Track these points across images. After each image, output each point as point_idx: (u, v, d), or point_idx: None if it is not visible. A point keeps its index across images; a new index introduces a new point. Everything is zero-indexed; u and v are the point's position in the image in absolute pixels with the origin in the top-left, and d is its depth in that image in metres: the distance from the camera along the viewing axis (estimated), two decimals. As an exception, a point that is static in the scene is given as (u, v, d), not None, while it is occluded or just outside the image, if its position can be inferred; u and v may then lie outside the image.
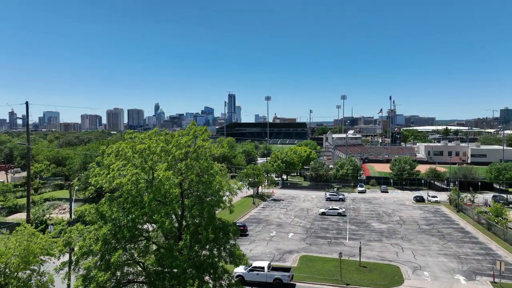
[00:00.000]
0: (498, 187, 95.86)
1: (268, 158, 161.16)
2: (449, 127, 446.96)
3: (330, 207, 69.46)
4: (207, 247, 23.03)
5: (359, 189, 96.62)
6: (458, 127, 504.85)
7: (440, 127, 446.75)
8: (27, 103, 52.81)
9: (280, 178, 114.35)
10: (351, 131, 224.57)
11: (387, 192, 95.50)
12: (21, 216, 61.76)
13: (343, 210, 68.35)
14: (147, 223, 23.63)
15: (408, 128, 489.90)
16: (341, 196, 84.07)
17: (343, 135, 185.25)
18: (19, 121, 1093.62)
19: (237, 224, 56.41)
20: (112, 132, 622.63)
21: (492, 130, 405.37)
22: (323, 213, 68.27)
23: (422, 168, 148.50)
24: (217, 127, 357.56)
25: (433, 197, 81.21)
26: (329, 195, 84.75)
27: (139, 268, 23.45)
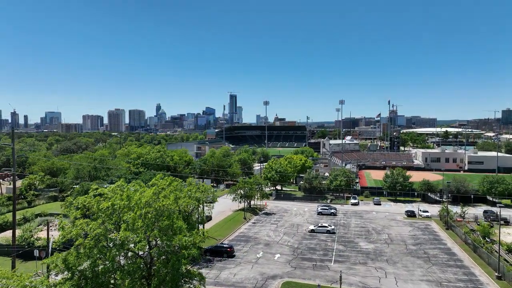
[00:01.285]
0: (491, 199, 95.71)
1: (263, 165, 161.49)
2: (449, 130, 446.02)
3: (319, 224, 69.59)
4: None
5: (352, 201, 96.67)
6: (458, 129, 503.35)
7: (440, 129, 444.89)
8: (13, 113, 52.91)
9: (274, 188, 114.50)
10: (348, 137, 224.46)
11: (380, 204, 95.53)
12: (10, 235, 62.07)
13: (332, 227, 68.46)
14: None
15: (407, 130, 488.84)
16: (332, 210, 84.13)
17: (341, 141, 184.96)
18: (21, 121, 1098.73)
19: (224, 245, 56.81)
20: (113, 134, 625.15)
21: (492, 134, 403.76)
22: (312, 231, 68.39)
23: (419, 176, 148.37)
24: (216, 131, 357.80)
25: (424, 211, 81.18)
26: (321, 209, 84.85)
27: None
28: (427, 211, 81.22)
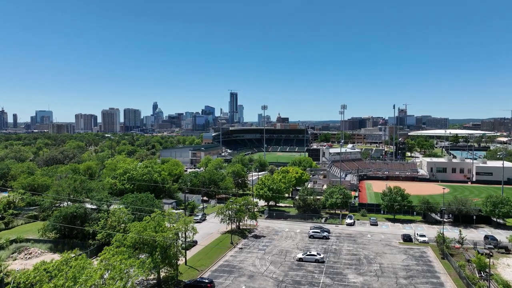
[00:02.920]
0: (495, 219, 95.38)
1: (260, 175, 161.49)
2: (460, 132, 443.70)
3: (308, 252, 69.59)
4: None
5: (348, 221, 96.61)
6: (471, 131, 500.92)
7: (450, 133, 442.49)
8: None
9: (266, 204, 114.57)
10: (349, 145, 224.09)
11: (377, 225, 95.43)
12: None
13: (321, 256, 68.45)
14: None
15: (416, 133, 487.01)
16: (325, 234, 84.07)
17: (341, 150, 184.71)
18: (10, 120, 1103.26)
19: (205, 280, 56.90)
20: (106, 135, 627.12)
21: (505, 139, 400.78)
22: (300, 259, 68.41)
23: (423, 189, 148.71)
24: (213, 135, 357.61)
25: (421, 236, 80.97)
26: (313, 232, 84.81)
27: None
28: (424, 236, 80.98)
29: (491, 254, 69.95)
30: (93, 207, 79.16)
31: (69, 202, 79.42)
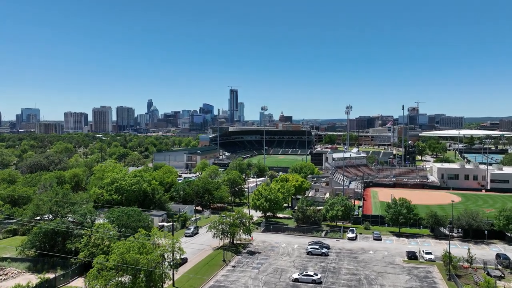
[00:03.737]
0: (509, 234, 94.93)
1: (259, 181, 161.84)
2: (476, 133, 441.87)
3: (305, 272, 69.59)
4: None
5: (349, 235, 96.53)
6: (488, 132, 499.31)
7: (466, 132, 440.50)
8: None
9: (263, 215, 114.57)
10: (354, 149, 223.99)
11: (380, 239, 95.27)
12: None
13: (319, 276, 68.44)
14: None
15: (427, 133, 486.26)
16: (324, 250, 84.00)
17: (346, 154, 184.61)
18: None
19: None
20: (97, 135, 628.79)
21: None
22: (295, 280, 68.43)
23: (432, 197, 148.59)
24: (210, 137, 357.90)
25: (427, 253, 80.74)
26: (311, 248, 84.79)
27: None
28: (430, 253, 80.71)
29: (502, 275, 70.02)
30: (76, 221, 79.39)
31: (50, 216, 79.66)
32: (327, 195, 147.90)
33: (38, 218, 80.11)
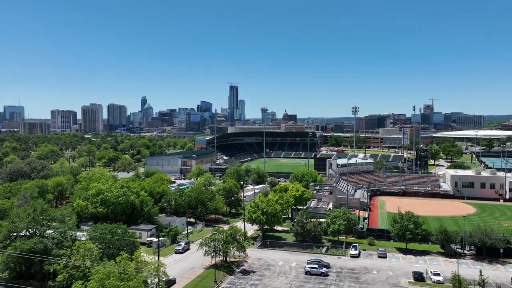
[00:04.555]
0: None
1: (258, 188, 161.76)
2: (496, 134, 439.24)
3: (301, 296, 69.43)
4: None
5: (352, 252, 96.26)
6: (508, 132, 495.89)
7: (483, 133, 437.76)
8: None
9: (259, 228, 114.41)
10: (361, 155, 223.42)
11: (386, 257, 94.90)
12: None
13: (316, 301, 68.25)
14: None
15: (442, 134, 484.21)
16: (323, 270, 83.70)
17: (352, 160, 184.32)
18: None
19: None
20: (87, 136, 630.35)
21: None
22: (291, 305, 68.28)
23: (445, 208, 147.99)
24: (207, 139, 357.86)
25: (435, 274, 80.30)
26: (309, 267, 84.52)
27: None
28: (438, 274, 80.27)
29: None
30: (55, 238, 79.37)
31: (27, 233, 79.72)
32: (330, 205, 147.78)
33: (14, 235, 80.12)
